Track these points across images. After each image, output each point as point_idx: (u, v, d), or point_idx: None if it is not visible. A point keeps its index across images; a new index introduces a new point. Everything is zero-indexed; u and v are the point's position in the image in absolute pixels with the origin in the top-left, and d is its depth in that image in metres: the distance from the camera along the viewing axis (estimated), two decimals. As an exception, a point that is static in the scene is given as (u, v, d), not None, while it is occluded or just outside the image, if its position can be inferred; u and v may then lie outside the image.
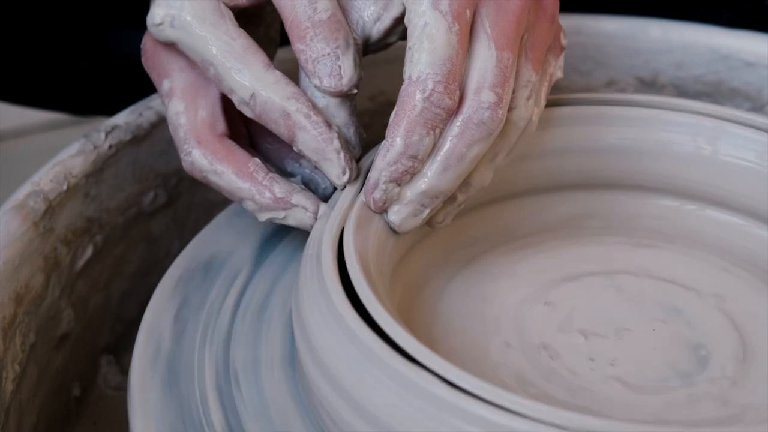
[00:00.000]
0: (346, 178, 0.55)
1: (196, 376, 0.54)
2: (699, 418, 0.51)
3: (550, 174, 0.63)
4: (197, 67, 0.56)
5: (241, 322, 0.57)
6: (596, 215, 0.64)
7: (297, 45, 0.54)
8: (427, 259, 0.60)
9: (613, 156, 0.63)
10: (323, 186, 0.59)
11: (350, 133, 0.56)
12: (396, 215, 0.55)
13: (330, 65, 0.54)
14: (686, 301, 0.57)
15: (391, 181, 0.54)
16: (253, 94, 0.54)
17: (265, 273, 0.59)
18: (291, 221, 0.56)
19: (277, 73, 0.55)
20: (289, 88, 0.54)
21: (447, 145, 0.53)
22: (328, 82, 0.54)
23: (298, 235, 0.61)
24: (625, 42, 0.80)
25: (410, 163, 0.53)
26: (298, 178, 0.59)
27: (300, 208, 0.55)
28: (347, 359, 0.47)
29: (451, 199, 0.56)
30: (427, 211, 0.55)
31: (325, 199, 0.57)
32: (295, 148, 0.55)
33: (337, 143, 0.54)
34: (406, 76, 0.53)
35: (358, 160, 0.56)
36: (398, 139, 0.53)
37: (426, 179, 0.54)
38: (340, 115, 0.56)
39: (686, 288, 0.58)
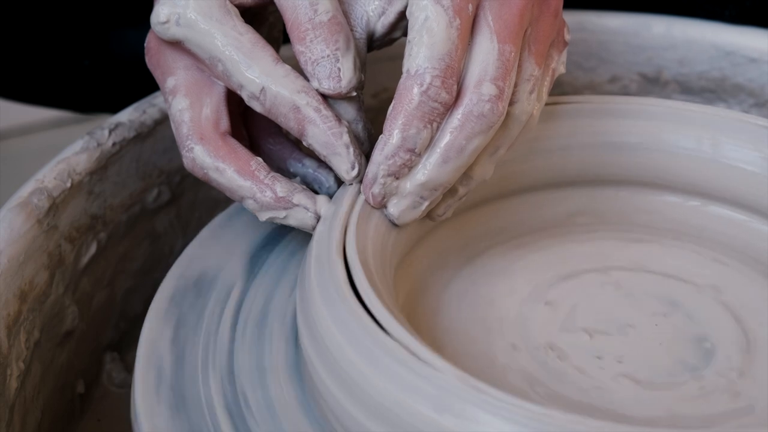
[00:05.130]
0: (355, 172, 0.55)
1: (203, 398, 0.53)
2: (711, 412, 0.51)
3: (553, 170, 0.63)
4: (202, 65, 0.56)
5: (242, 336, 0.56)
6: (599, 212, 0.64)
7: (297, 46, 0.54)
8: (429, 259, 0.60)
9: (615, 152, 0.63)
10: (327, 185, 0.58)
11: (359, 129, 0.56)
12: (395, 207, 0.55)
13: (329, 67, 0.54)
14: (688, 297, 0.58)
15: (389, 175, 0.54)
16: (263, 88, 0.54)
17: (259, 285, 0.59)
18: (292, 221, 0.56)
19: (287, 67, 0.55)
20: (299, 81, 0.54)
21: (447, 137, 0.53)
22: (327, 84, 0.54)
23: (290, 244, 0.61)
24: (628, 38, 0.80)
25: (408, 156, 0.53)
26: (298, 179, 0.59)
27: (301, 208, 0.55)
28: (365, 361, 0.47)
29: (451, 192, 0.56)
30: (426, 204, 0.55)
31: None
32: (304, 143, 0.55)
33: (347, 137, 0.54)
34: (404, 69, 0.53)
35: (366, 156, 0.56)
36: (396, 132, 0.53)
37: (425, 171, 0.54)
38: (349, 111, 0.56)
39: (688, 283, 0.58)
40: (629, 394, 0.52)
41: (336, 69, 0.54)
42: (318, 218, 0.55)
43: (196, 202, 0.73)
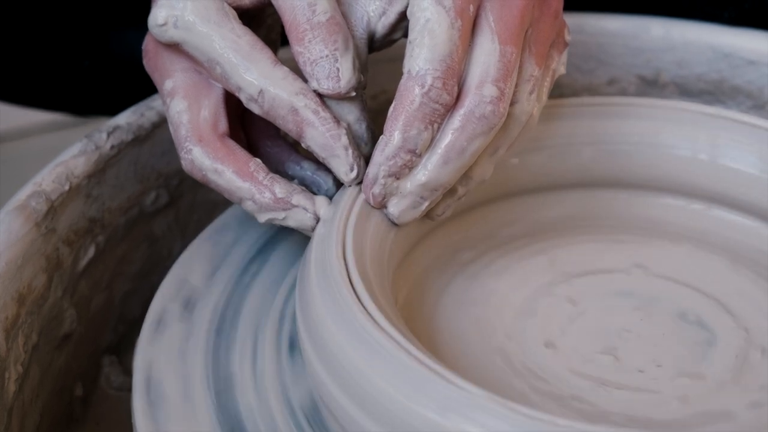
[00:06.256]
0: (353, 174, 0.55)
1: (205, 407, 0.54)
2: (706, 413, 0.51)
3: (552, 172, 0.63)
4: (200, 67, 0.56)
5: (239, 341, 0.56)
6: (600, 214, 0.64)
7: (295, 47, 0.54)
8: (428, 259, 0.60)
9: (614, 154, 0.63)
10: (325, 188, 0.58)
11: (362, 129, 0.56)
12: (395, 207, 0.55)
13: (328, 67, 0.54)
14: (689, 299, 0.57)
15: (389, 176, 0.54)
16: (261, 90, 0.54)
17: (255, 290, 0.59)
18: (291, 222, 0.56)
19: (285, 69, 0.55)
20: (297, 83, 0.54)
21: (448, 138, 0.53)
22: (326, 84, 0.54)
23: (280, 256, 0.61)
24: (627, 40, 0.80)
25: (408, 157, 0.53)
26: (296, 181, 0.59)
27: (300, 209, 0.55)
28: (368, 363, 0.47)
29: (451, 191, 0.56)
30: (426, 204, 0.55)
31: (327, 201, 0.57)
32: (303, 145, 0.55)
33: (345, 139, 0.54)
34: (405, 70, 0.53)
35: (367, 158, 0.56)
36: (396, 133, 0.53)
37: (426, 172, 0.54)
38: (351, 112, 0.56)
39: (689, 287, 0.58)
40: (627, 396, 0.52)
41: (335, 69, 0.54)
42: (317, 219, 0.55)
43: (195, 205, 0.73)
